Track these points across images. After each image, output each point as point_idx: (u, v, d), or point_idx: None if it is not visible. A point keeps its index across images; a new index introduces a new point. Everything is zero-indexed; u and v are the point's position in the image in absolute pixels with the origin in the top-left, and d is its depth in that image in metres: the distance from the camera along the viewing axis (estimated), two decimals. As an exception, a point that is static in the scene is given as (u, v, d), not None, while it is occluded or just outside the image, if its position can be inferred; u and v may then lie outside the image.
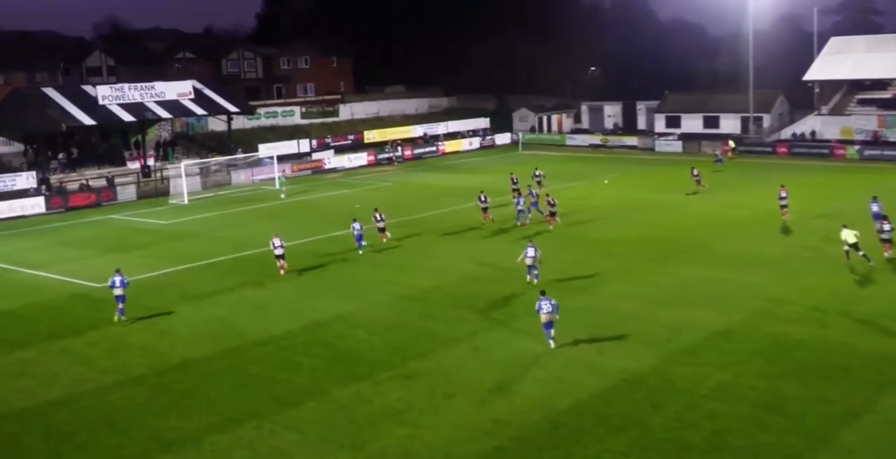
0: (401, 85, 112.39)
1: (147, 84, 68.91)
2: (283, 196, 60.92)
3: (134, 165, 68.73)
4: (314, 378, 25.43)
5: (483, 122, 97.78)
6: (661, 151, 76.78)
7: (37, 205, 58.11)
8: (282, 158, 72.79)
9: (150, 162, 69.29)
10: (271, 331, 29.80)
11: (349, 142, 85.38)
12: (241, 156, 70.64)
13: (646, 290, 33.33)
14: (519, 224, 46.82)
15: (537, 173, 59.63)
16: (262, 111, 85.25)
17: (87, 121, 64.27)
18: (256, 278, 37.36)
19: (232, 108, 73.30)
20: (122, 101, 66.68)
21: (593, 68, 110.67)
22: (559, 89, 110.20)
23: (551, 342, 27.15)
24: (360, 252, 41.24)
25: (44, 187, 61.22)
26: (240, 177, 69.75)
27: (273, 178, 67.12)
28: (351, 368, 26.10)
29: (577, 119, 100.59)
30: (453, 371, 25.63)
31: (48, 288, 37.05)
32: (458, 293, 33.80)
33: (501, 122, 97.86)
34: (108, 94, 66.37)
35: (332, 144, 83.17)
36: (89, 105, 65.36)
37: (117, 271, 32.36)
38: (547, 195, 48.43)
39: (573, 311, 30.54)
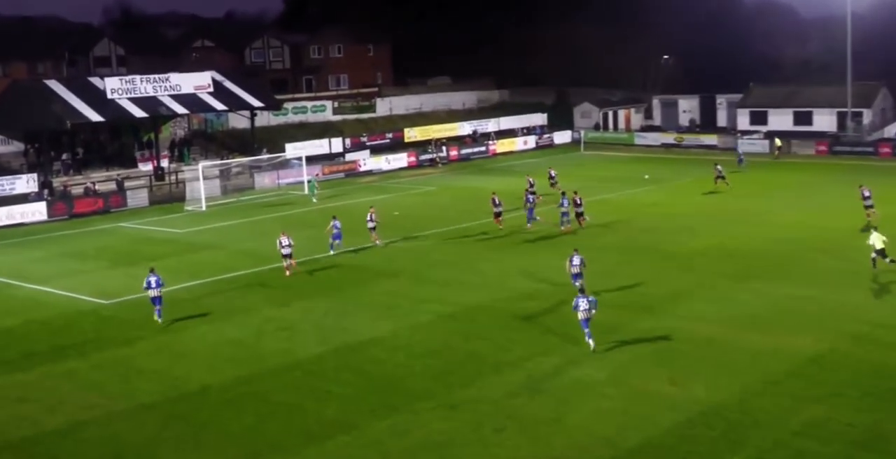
0: (446, 76, 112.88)
1: (161, 76, 69.94)
2: (314, 200, 61.43)
3: (146, 167, 69.74)
4: (345, 408, 25.59)
5: (540, 119, 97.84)
6: (744, 152, 76.12)
7: (38, 211, 59.13)
8: (311, 159, 73.41)
9: (164, 163, 70.24)
10: (298, 355, 30.05)
11: (387, 141, 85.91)
12: (265, 156, 71.36)
13: (726, 310, 33.14)
14: (563, 229, 48.02)
15: (552, 174, 60.99)
16: (289, 106, 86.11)
17: (95, 117, 65.33)
18: (282, 295, 37.71)
19: (256, 103, 74.11)
20: (133, 95, 67.70)
21: (666, 57, 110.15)
22: (627, 81, 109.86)
23: (591, 342, 29.06)
24: (332, 252, 44.28)
25: (46, 191, 62.29)
26: (264, 180, 70.45)
27: (301, 182, 67.68)
28: (387, 397, 26.24)
29: (648, 115, 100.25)
30: (503, 400, 25.65)
31: (50, 305, 37.69)
32: (509, 312, 33.85)
33: (561, 119, 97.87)
34: (118, 87, 67.42)
35: (367, 144, 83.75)
36: (97, 99, 66.45)
37: (151, 270, 34.57)
38: (575, 193, 49.93)
39: (641, 334, 30.49)
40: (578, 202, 49.06)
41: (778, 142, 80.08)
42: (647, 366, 27.67)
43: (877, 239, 37.60)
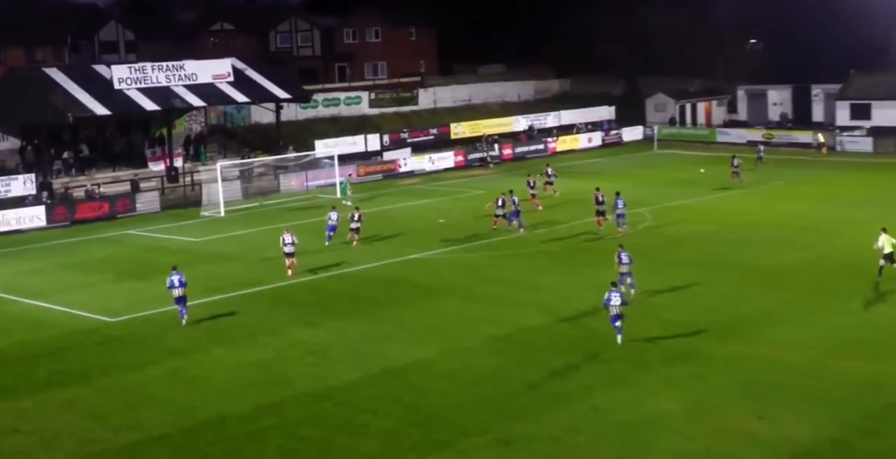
0: (499, 64, 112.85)
1: (175, 63, 70.58)
2: (348, 203, 61.69)
3: (157, 167, 70.38)
4: (384, 444, 25.58)
5: (607, 112, 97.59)
6: (845, 151, 75.67)
7: (36, 216, 59.79)
8: (344, 159, 73.67)
9: (178, 162, 70.78)
10: (328, 382, 30.11)
11: (431, 137, 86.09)
12: (292, 155, 71.72)
13: (824, 335, 32.86)
14: (620, 232, 49.27)
15: (549, 172, 61.73)
16: (319, 98, 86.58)
17: (100, 110, 65.97)
18: (311, 314, 37.85)
19: (281, 94, 74.58)
20: (143, 86, 68.36)
21: (753, 41, 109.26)
22: (708, 69, 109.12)
23: (619, 337, 32.07)
24: (328, 244, 49.08)
25: (45, 194, 62.98)
26: (291, 182, 70.81)
27: (333, 184, 67.94)
28: (431, 432, 26.21)
29: (732, 108, 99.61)
30: (565, 436, 25.54)
31: (49, 323, 38.01)
32: (571, 334, 33.75)
33: (631, 112, 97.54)
34: (126, 77, 68.09)
35: (408, 141, 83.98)
36: (102, 90, 67.16)
37: (174, 269, 36.59)
38: (597, 189, 52.01)
39: (725, 362, 30.29)
40: (600, 199, 51.15)
41: (821, 137, 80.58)
42: (732, 399, 27.40)
43: (886, 242, 38.29)
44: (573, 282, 40.86)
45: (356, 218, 49.86)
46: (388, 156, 79.70)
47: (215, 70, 72.23)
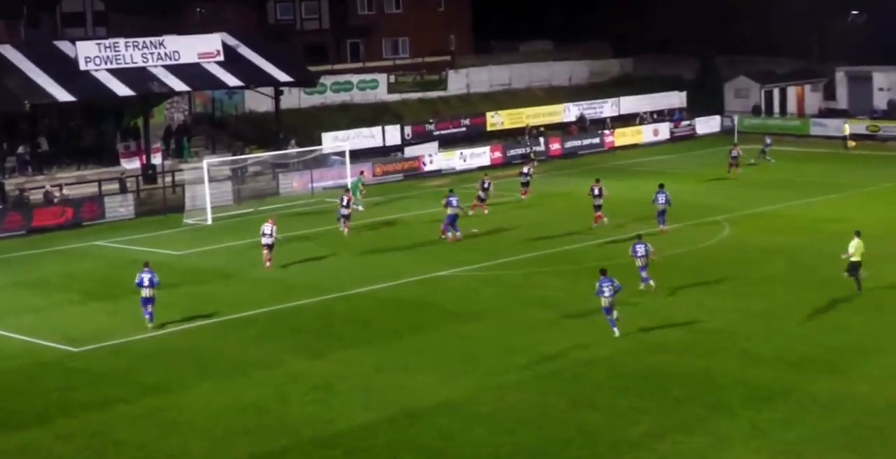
0: (546, 40, 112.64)
1: (154, 39, 70.68)
2: (360, 207, 61.66)
3: (131, 164, 70.49)
4: (404, 500, 25.49)
5: (677, 99, 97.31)
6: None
7: (-15, 224, 60.00)
8: (357, 155, 73.71)
9: (157, 159, 70.89)
10: (337, 426, 30.02)
11: (463, 129, 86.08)
12: (294, 151, 71.83)
13: (942, 371, 32.67)
14: (662, 229, 52.56)
15: (486, 184, 61.73)
16: (328, 81, 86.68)
17: (63, 96, 66.16)
18: (316, 342, 37.81)
19: (282, 77, 74.61)
20: (115, 66, 68.45)
21: (855, 12, 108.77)
22: (799, 47, 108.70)
23: (615, 330, 36.11)
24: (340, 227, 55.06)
25: (-4, 197, 63.32)
26: (292, 183, 70.82)
27: (343, 186, 67.80)
28: (462, 486, 26.11)
29: (829, 94, 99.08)
30: (626, 494, 25.39)
31: (0, 353, 38.00)
32: (632, 369, 33.57)
33: (706, 99, 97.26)
34: (95, 56, 68.24)
35: (435, 133, 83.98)
36: (66, 72, 67.30)
37: (146, 266, 39.28)
38: (597, 181, 56.24)
39: (819, 402, 30.07)
40: (597, 192, 55.25)
41: (846, 128, 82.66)
42: (829, 448, 27.18)
43: (856, 249, 40.82)
44: (632, 305, 40.57)
45: (345, 203, 54.50)
46: (410, 151, 79.70)
47: (202, 47, 72.33)
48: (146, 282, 38.93)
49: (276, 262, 49.33)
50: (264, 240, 48.38)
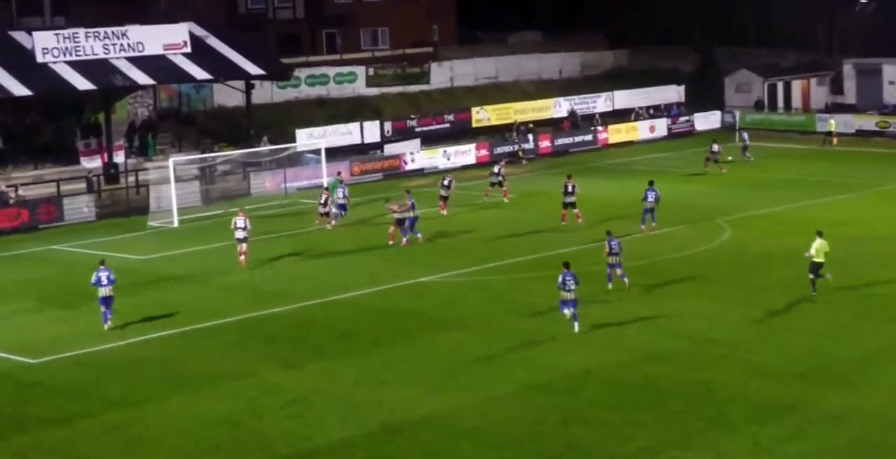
0: (535, 31, 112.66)
1: (116, 29, 70.43)
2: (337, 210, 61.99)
3: (92, 163, 70.24)
4: (385, 521, 25.55)
5: (674, 93, 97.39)
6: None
7: (-64, 227, 59.86)
8: (334, 153, 73.63)
9: (119, 158, 70.73)
10: (314, 442, 30.05)
11: (446, 125, 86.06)
12: (267, 148, 71.75)
13: (956, 383, 32.83)
14: (643, 231, 53.72)
15: (447, 182, 62.01)
16: (302, 74, 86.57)
17: (18, 90, 65.81)
18: (292, 352, 37.82)
19: (253, 70, 74.48)
20: (74, 58, 68.19)
21: (864, 1, 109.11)
22: (804, 38, 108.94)
23: (576, 325, 38.08)
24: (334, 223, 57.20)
25: (-53, 198, 63.07)
26: (264, 183, 70.74)
27: (320, 186, 67.78)
28: (447, 506, 26.17)
29: (837, 88, 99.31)
30: (621, 515, 25.49)
31: (-48, 364, 38.06)
32: (627, 381, 33.62)
33: (705, 93, 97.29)
34: (53, 47, 67.98)
35: (417, 129, 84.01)
36: (21, 64, 67.02)
37: (102, 263, 40.37)
38: (568, 177, 57.53)
39: (828, 418, 30.15)
40: (570, 189, 56.27)
41: (832, 124, 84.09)
42: (838, 466, 27.29)
43: (819, 249, 42.03)
44: (632, 313, 40.82)
45: (322, 202, 56.51)
46: (390, 149, 79.66)
47: (168, 38, 72.17)
48: (105, 280, 39.99)
49: (250, 267, 49.38)
50: (237, 234, 49.88)
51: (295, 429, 30.90)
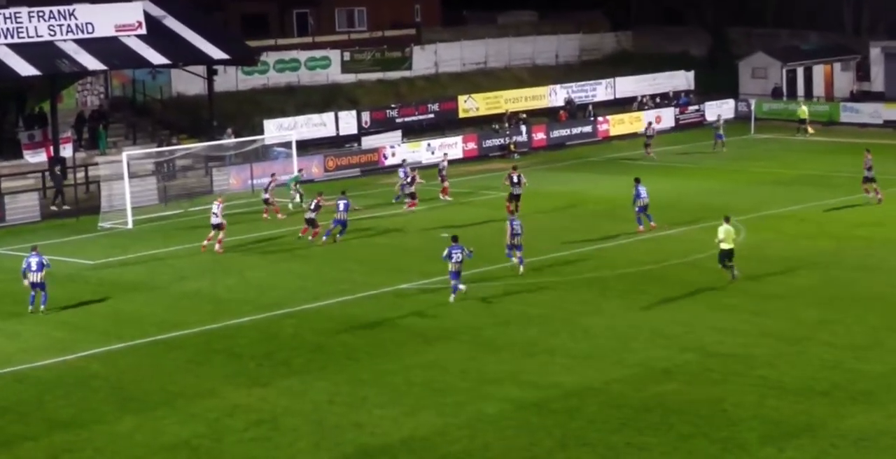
0: (529, 10, 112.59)
1: (63, 9, 70.27)
2: (290, 206, 61.89)
3: (36, 158, 70.07)
4: None
5: (682, 80, 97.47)
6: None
7: None
8: (306, 146, 73.58)
9: (67, 151, 70.45)
10: (283, 467, 30.03)
11: (430, 116, 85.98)
12: (231, 141, 71.64)
13: None
14: (642, 230, 53.99)
15: (409, 178, 63.16)
16: (270, 59, 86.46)
17: (-45, 76, 66.01)
18: (258, 368, 37.71)
19: (216, 54, 74.32)
20: (15, 40, 68.01)
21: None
22: (827, 18, 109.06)
23: (452, 297, 43.72)
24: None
25: None
26: (229, 179, 70.64)
27: (284, 184, 67.70)
28: (430, 539, 26.14)
29: (863, 74, 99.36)
30: None
31: None
32: (631, 400, 33.58)
33: (717, 80, 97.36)
34: (-7, 28, 68.07)
35: (398, 120, 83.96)
36: (-43, 47, 67.12)
37: (34, 249, 42.72)
38: (514, 168, 61.14)
39: (853, 440, 30.12)
40: (515, 180, 59.10)
41: (804, 111, 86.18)
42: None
43: (727, 235, 44.79)
44: (633, 323, 40.82)
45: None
46: (368, 142, 79.72)
47: (120, 18, 72.02)
48: (34, 266, 42.03)
49: (210, 272, 49.33)
50: (213, 221, 53.76)
51: (261, 454, 30.82)
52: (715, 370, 35.71)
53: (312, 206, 55.49)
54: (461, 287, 43.97)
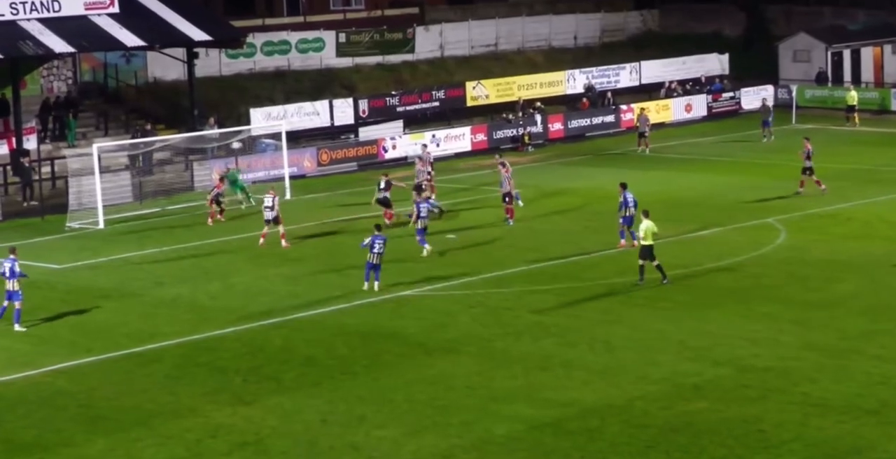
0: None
1: (27, -15, 70.61)
2: (244, 205, 62.41)
3: (-3, 151, 70.54)
4: None
5: (715, 64, 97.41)
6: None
7: None
8: (297, 137, 73.65)
9: (31, 143, 70.60)
10: (271, 494, 30.08)
11: (435, 104, 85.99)
12: (213, 132, 71.68)
13: None
14: (622, 246, 52.29)
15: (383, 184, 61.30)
16: (258, 41, 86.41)
17: None
18: (242, 384, 37.73)
19: (197, 35, 74.29)
20: (-26, 20, 68.40)
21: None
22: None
23: (368, 284, 46.84)
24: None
25: None
26: (211, 175, 70.52)
27: (280, 177, 67.74)
28: None
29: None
30: None
31: None
32: (658, 420, 33.59)
33: (755, 64, 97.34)
34: (-50, 7, 68.15)
35: (399, 109, 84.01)
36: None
37: (12, 252, 43.60)
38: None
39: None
40: (512, 185, 58.65)
41: (853, 97, 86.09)
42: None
43: (647, 231, 46.14)
44: (659, 334, 40.88)
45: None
46: (365, 133, 79.82)
47: (90, -5, 72.28)
48: (8, 273, 42.52)
49: (190, 278, 49.42)
50: (266, 215, 55.28)
51: (247, 480, 30.94)
52: (751, 386, 35.69)
53: (383, 185, 58.40)
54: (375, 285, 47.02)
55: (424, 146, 70.35)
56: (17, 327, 42.57)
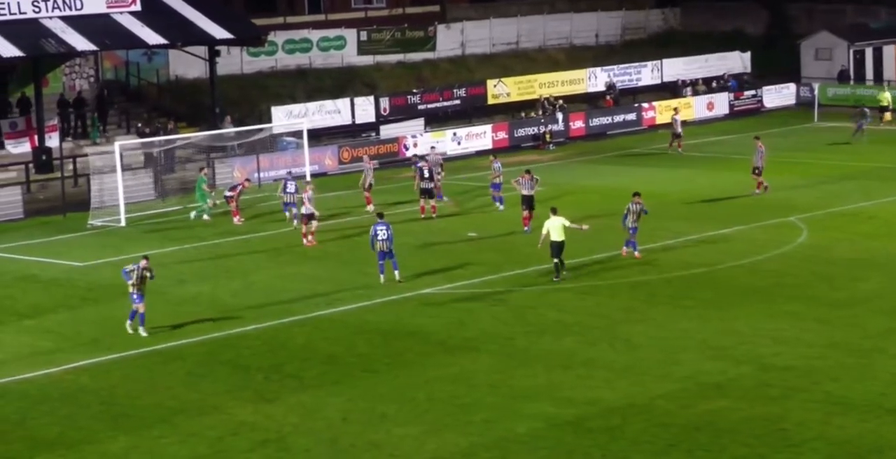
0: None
1: (49, -17, 70.61)
2: (203, 216, 61.68)
3: (19, 148, 70.38)
4: None
5: (737, 62, 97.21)
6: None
7: None
8: (318, 135, 73.64)
9: (53, 141, 70.57)
10: (293, 492, 30.07)
11: (456, 102, 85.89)
12: (234, 130, 71.67)
13: None
14: (625, 253, 50.77)
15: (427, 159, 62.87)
16: (279, 39, 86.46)
17: (-71, 57, 66.17)
18: (265, 381, 37.78)
19: (219, 33, 74.29)
20: (-2, 19, 68.47)
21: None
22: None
23: (384, 277, 47.18)
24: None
25: None
26: (233, 172, 70.57)
27: (301, 175, 67.63)
28: None
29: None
30: None
31: None
32: (679, 419, 33.54)
33: (777, 62, 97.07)
34: (-30, 5, 68.18)
35: (420, 107, 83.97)
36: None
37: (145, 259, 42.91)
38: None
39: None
40: (426, 175, 59.71)
41: (886, 97, 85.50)
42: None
43: (555, 228, 47.13)
44: (681, 333, 40.84)
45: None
46: (386, 131, 79.75)
47: (113, -6, 72.28)
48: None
49: (212, 275, 49.40)
50: (304, 211, 55.02)
51: (269, 477, 30.94)
52: (773, 385, 35.63)
53: (427, 174, 59.66)
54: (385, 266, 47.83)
55: (433, 148, 70.00)
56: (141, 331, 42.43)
